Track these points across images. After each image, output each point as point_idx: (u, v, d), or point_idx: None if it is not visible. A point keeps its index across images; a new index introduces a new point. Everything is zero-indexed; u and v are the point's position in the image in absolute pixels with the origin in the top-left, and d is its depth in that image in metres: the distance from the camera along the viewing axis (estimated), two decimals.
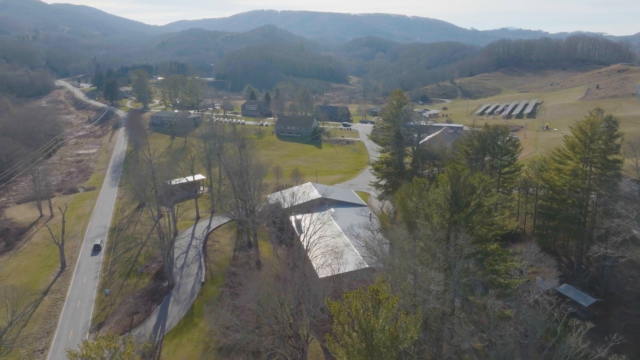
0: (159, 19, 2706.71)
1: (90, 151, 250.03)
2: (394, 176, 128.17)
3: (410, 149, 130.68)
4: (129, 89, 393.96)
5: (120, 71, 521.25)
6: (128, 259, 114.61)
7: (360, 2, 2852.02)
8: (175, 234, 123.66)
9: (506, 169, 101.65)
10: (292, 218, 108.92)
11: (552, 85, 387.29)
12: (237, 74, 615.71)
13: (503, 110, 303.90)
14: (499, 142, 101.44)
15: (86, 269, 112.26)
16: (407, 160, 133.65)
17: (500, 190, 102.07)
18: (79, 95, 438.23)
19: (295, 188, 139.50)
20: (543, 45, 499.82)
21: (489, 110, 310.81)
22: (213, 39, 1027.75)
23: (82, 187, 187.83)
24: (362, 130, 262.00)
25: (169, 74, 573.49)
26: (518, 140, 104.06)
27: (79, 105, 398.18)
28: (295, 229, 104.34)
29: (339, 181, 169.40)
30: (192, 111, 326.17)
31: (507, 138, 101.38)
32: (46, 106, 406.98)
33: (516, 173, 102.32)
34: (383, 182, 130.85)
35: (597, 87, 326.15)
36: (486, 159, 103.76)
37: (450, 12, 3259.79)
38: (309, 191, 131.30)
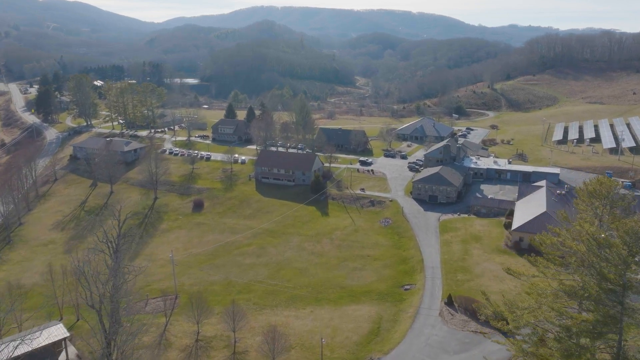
0: (157, 17, 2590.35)
1: None
2: None
3: None
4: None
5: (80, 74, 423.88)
6: None
7: None
8: None
9: None
10: None
11: (634, 93, 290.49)
12: (224, 76, 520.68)
13: (597, 136, 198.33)
14: None
15: None
16: None
17: None
18: (17, 105, 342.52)
19: None
20: (602, 42, 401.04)
21: (574, 135, 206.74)
22: (206, 35, 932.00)
23: None
24: (392, 172, 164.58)
25: (142, 77, 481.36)
26: None
27: (8, 121, 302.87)
28: None
29: (370, 346, 74.56)
30: (146, 132, 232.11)
31: None
32: None
33: None
34: None
35: None
36: None
37: (452, 9, 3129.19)
38: None
